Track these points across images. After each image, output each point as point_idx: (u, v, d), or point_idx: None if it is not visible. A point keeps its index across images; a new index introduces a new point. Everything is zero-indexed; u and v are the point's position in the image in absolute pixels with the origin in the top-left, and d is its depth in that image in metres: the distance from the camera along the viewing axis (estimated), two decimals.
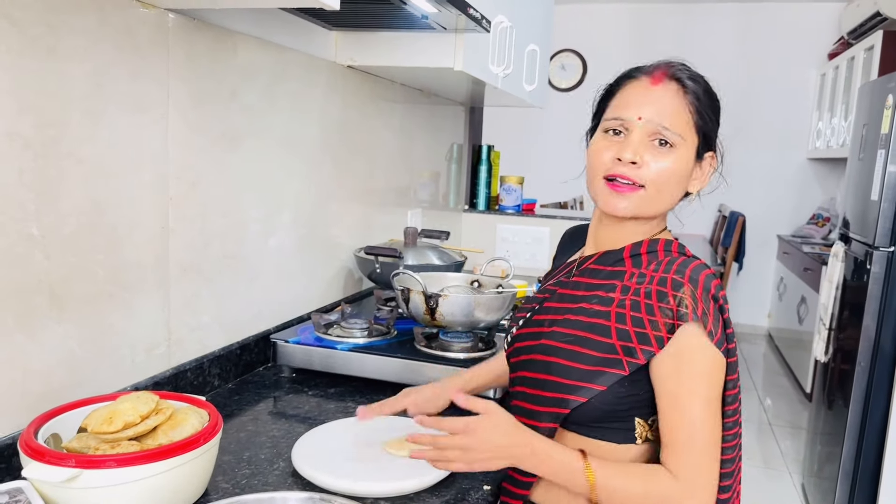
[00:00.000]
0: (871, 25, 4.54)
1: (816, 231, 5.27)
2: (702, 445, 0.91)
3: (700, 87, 0.99)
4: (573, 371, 0.96)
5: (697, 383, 0.91)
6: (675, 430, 0.92)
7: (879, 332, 2.45)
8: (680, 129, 0.96)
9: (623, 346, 0.93)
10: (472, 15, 1.42)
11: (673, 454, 0.91)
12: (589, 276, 1.04)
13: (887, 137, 2.39)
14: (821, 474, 2.86)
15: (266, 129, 1.49)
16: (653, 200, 0.98)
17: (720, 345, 0.92)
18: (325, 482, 0.98)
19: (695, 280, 0.93)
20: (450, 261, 1.93)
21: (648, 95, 0.97)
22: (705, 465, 0.91)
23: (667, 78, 0.98)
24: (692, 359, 0.91)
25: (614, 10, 5.89)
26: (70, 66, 1.00)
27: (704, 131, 0.99)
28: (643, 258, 1.00)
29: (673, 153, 0.97)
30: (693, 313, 0.90)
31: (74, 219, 1.03)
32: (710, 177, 1.04)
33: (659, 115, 0.96)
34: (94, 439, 0.90)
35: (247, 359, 1.47)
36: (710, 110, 1.00)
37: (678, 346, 0.91)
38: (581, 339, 0.97)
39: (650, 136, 0.96)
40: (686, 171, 0.99)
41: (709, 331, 0.91)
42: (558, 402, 0.97)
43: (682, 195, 1.03)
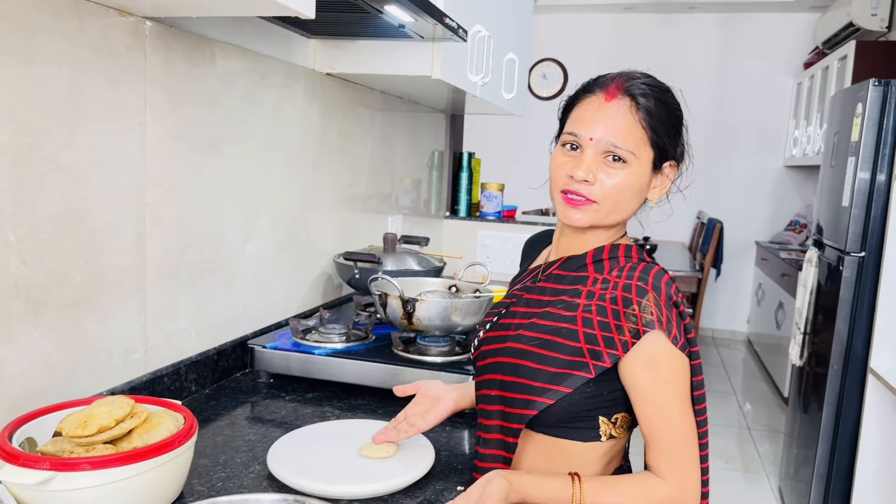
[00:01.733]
0: (845, 35, 4.63)
1: (794, 237, 5.35)
2: (687, 447, 0.95)
3: (653, 101, 0.99)
4: (540, 373, 0.98)
5: (673, 388, 0.95)
6: (660, 433, 0.95)
7: (851, 336, 2.50)
8: (631, 145, 0.98)
9: (590, 350, 0.96)
10: (449, 24, 1.45)
11: (663, 457, 0.95)
12: (554, 282, 1.06)
13: (857, 145, 2.45)
14: (797, 477, 2.90)
15: (245, 136, 1.50)
16: (607, 214, 1.01)
17: (684, 348, 0.96)
18: (299, 484, 0.99)
19: (657, 287, 0.96)
20: (429, 266, 1.95)
21: (601, 113, 0.99)
22: (692, 465, 0.95)
23: (620, 94, 0.99)
24: (665, 366, 0.95)
25: (595, 19, 5.96)
26: (48, 73, 1.01)
27: (659, 145, 1.01)
28: (605, 264, 1.03)
29: (625, 169, 0.99)
30: (658, 321, 0.93)
31: (51, 224, 1.03)
32: (670, 185, 1.06)
33: (610, 133, 0.98)
34: (69, 443, 0.91)
35: (224, 364, 1.48)
36: (665, 123, 1.01)
37: (648, 353, 0.95)
38: (548, 343, 0.99)
39: (603, 154, 0.99)
40: (640, 184, 1.02)
41: (673, 336, 0.94)
42: (525, 404, 0.99)
43: (641, 204, 1.06)
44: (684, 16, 5.83)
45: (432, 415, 1.14)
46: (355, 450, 1.11)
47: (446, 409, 1.14)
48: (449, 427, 1.28)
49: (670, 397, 0.95)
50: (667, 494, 0.94)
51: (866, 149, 2.42)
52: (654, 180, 1.04)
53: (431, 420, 1.13)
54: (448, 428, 1.28)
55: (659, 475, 0.95)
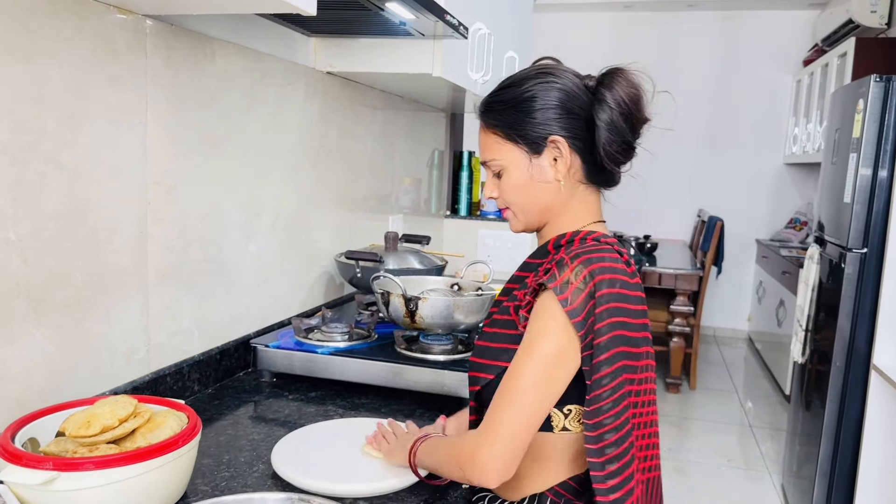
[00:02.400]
0: (844, 32, 4.63)
1: (794, 235, 5.35)
2: (512, 399, 0.92)
3: (490, 110, 1.05)
4: (486, 350, 1.03)
5: (533, 344, 0.93)
6: (502, 383, 0.95)
7: (854, 333, 2.49)
8: (493, 154, 1.05)
9: (522, 321, 0.99)
10: (450, 21, 1.44)
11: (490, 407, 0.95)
12: (523, 270, 1.09)
13: (858, 141, 2.44)
14: (799, 474, 2.90)
15: (245, 135, 1.50)
16: (522, 213, 1.07)
17: (573, 315, 0.91)
18: (303, 483, 0.99)
19: (577, 257, 0.95)
20: (430, 265, 1.94)
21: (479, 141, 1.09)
22: (507, 417, 0.91)
23: (479, 119, 1.08)
24: (540, 321, 0.94)
25: (594, 18, 5.96)
26: (48, 72, 1.00)
27: (515, 136, 1.02)
28: (563, 248, 1.02)
29: (504, 175, 1.05)
30: (555, 282, 0.94)
31: (53, 223, 1.03)
32: (568, 153, 1.01)
33: (482, 154, 1.08)
34: (73, 443, 0.90)
35: (227, 364, 1.47)
36: (509, 115, 1.02)
37: (534, 310, 0.96)
38: (497, 322, 1.05)
39: (491, 173, 1.08)
40: (522, 178, 1.04)
41: (564, 298, 0.92)
42: (473, 381, 1.05)
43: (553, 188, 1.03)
44: (683, 14, 5.82)
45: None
46: (359, 448, 1.11)
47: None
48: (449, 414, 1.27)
49: (523, 353, 0.94)
50: (469, 441, 0.94)
51: (868, 145, 2.41)
52: (543, 163, 1.02)
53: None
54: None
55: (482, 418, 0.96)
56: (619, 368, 0.94)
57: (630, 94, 1.00)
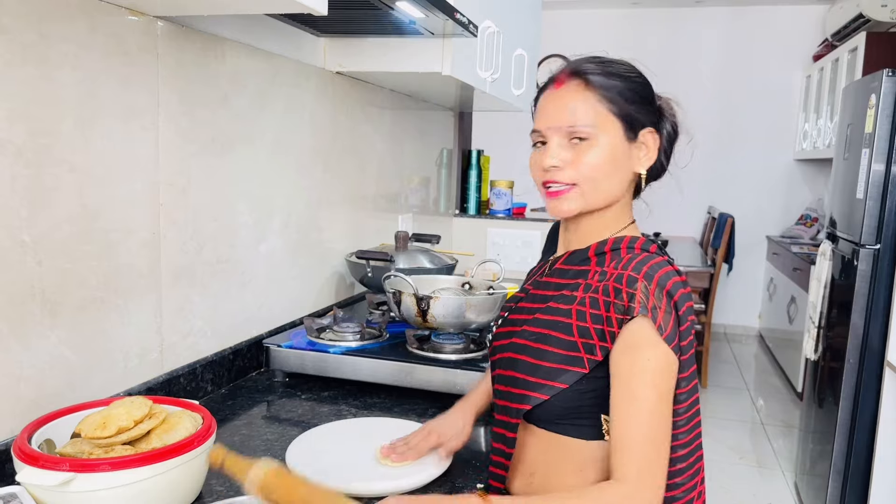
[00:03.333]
0: (855, 27, 4.59)
1: (805, 231, 5.32)
2: (653, 442, 0.89)
3: (603, 75, 0.99)
4: (538, 369, 0.97)
5: (650, 379, 0.90)
6: (626, 425, 0.90)
7: (867, 329, 2.47)
8: (589, 120, 0.97)
9: (584, 344, 0.94)
10: (459, 20, 1.44)
11: (624, 451, 0.89)
12: (558, 276, 1.05)
13: (871, 136, 2.43)
14: (813, 472, 2.88)
15: (256, 135, 1.50)
16: (592, 192, 0.99)
17: (670, 340, 0.91)
18: (319, 483, 0.99)
19: (650, 276, 0.93)
20: (441, 264, 1.94)
21: (555, 101, 1.00)
22: (656, 460, 0.89)
23: (567, 77, 0.99)
24: (644, 354, 0.90)
25: (603, 15, 5.94)
26: (61, 74, 1.01)
27: (623, 114, 0.99)
28: (607, 256, 1.00)
29: (591, 145, 0.97)
30: (643, 307, 0.90)
31: (66, 225, 1.03)
32: (656, 152, 1.02)
33: (566, 116, 0.98)
34: (88, 444, 0.90)
35: (240, 364, 1.48)
36: (626, 91, 0.99)
37: (628, 340, 0.92)
38: (545, 337, 0.98)
39: (566, 138, 0.98)
40: (615, 156, 0.98)
41: (658, 325, 0.90)
42: (522, 399, 0.98)
43: (630, 179, 1.02)
44: (692, 10, 5.79)
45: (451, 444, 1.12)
46: (373, 448, 1.10)
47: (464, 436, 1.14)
48: None
49: (645, 388, 0.89)
50: (621, 491, 0.87)
51: (881, 140, 2.39)
52: (633, 151, 1.01)
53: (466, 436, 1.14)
54: None
55: (616, 471, 0.88)
56: (695, 386, 0.95)
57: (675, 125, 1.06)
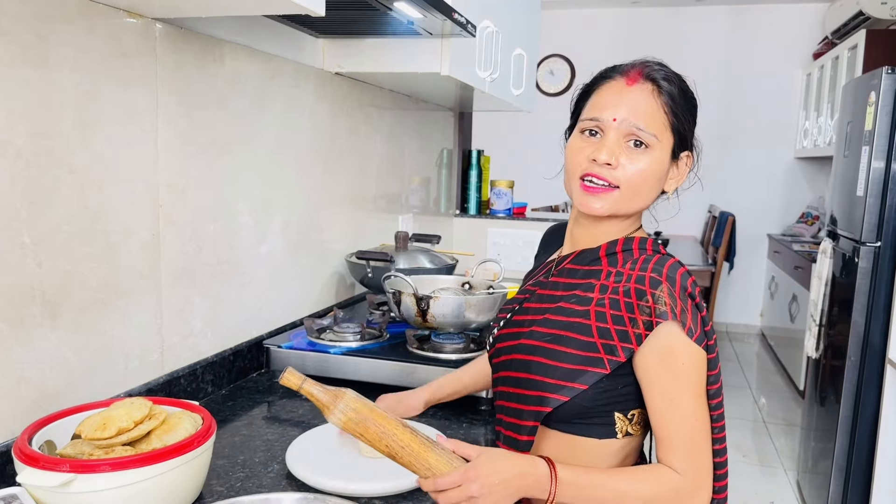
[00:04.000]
0: (854, 25, 4.59)
1: (806, 229, 5.31)
2: (700, 440, 0.93)
3: (675, 87, 0.99)
4: (555, 370, 0.97)
5: (687, 380, 0.93)
6: (672, 428, 0.93)
7: (868, 327, 2.47)
8: (655, 129, 0.97)
9: (604, 345, 0.95)
10: (458, 20, 1.44)
11: (673, 452, 0.93)
12: (567, 276, 1.05)
13: (871, 134, 2.42)
14: (815, 470, 2.88)
15: (255, 137, 1.50)
16: (628, 200, 0.99)
17: (700, 341, 0.94)
18: (319, 483, 0.99)
19: (672, 278, 0.94)
20: (441, 264, 1.94)
21: (623, 96, 0.97)
22: (706, 459, 0.94)
23: (642, 78, 0.98)
24: (678, 357, 0.93)
25: (602, 14, 5.94)
26: (60, 76, 1.01)
27: (679, 131, 1.00)
28: (619, 256, 1.01)
29: (648, 154, 0.97)
30: (672, 311, 0.92)
31: (66, 226, 1.04)
32: (686, 175, 1.05)
33: (634, 115, 0.96)
34: (89, 445, 0.91)
35: (240, 365, 1.48)
36: (686, 110, 1.00)
37: (661, 344, 0.93)
38: (561, 338, 0.98)
39: (625, 137, 0.97)
40: (661, 171, 1.00)
41: (688, 328, 0.92)
42: (539, 401, 0.98)
43: (659, 194, 1.04)
44: (691, 9, 5.79)
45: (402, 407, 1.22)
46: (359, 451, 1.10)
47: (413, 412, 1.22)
48: (466, 424, 1.27)
49: (683, 390, 0.93)
50: (678, 485, 0.92)
51: (880, 137, 2.39)
52: (671, 170, 1.03)
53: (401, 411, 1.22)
54: (465, 425, 1.27)
55: (674, 469, 0.93)
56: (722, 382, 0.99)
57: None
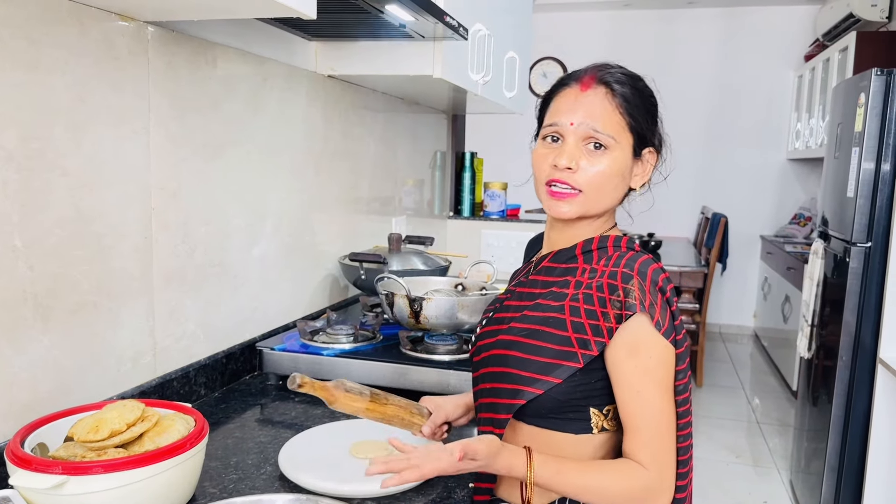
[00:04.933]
0: (845, 27, 4.62)
1: (798, 231, 5.34)
2: (665, 433, 0.95)
3: (628, 88, 1.02)
4: (530, 364, 0.99)
5: (654, 374, 0.95)
6: (638, 419, 0.95)
7: (859, 327, 2.49)
8: (611, 130, 1.00)
9: (578, 339, 0.97)
10: (449, 23, 1.45)
11: (641, 445, 0.95)
12: (545, 274, 1.07)
13: (861, 135, 2.44)
14: (808, 470, 2.89)
15: (248, 139, 1.51)
16: (594, 202, 1.02)
17: (668, 335, 0.95)
18: (311, 484, 0.99)
19: (643, 273, 0.96)
20: (434, 266, 1.95)
21: (579, 101, 1.01)
22: (670, 452, 0.95)
23: (595, 83, 1.01)
24: (646, 349, 0.95)
25: (595, 17, 5.96)
26: (52, 80, 1.01)
27: (637, 130, 1.02)
28: (594, 254, 1.03)
29: (607, 155, 1.00)
30: (640, 304, 0.94)
31: (58, 230, 1.04)
32: (651, 172, 1.07)
33: (590, 118, 1.00)
34: (81, 448, 0.91)
35: (233, 367, 1.48)
36: (641, 109, 1.02)
37: (630, 337, 0.95)
38: (536, 333, 1.00)
39: (584, 141, 1.00)
40: (622, 170, 1.02)
41: (656, 321, 0.94)
42: (514, 394, 1.00)
43: (625, 192, 1.06)
44: (683, 11, 5.82)
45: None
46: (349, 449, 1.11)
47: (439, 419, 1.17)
48: None
49: (650, 384, 0.95)
50: (646, 482, 0.93)
51: (870, 139, 2.41)
52: (634, 167, 1.04)
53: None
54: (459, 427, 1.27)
55: (640, 462, 0.94)
56: (689, 378, 0.99)
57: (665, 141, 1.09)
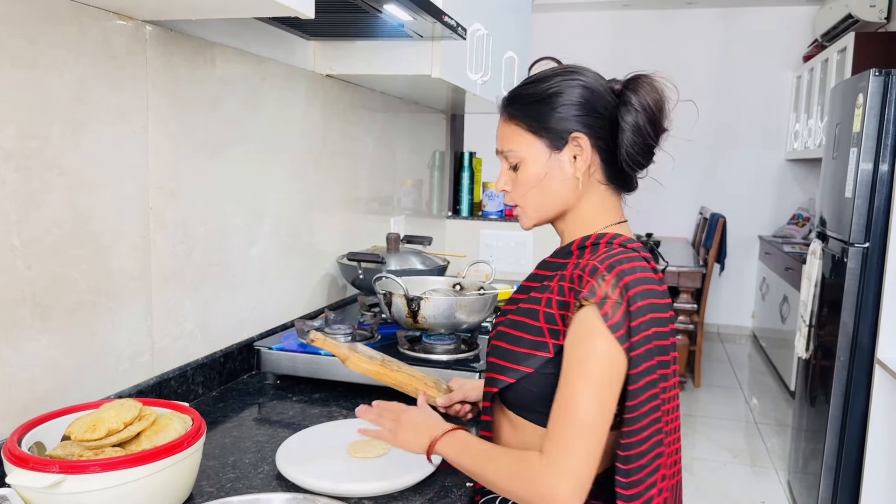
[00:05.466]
0: (844, 28, 4.63)
1: (797, 231, 5.34)
2: (577, 431, 0.89)
3: (513, 101, 1.06)
4: (508, 353, 1.02)
5: (585, 367, 0.91)
6: (556, 408, 0.92)
7: (857, 327, 2.49)
8: (513, 146, 1.05)
9: (549, 329, 0.98)
10: (448, 23, 1.45)
11: (548, 433, 0.91)
12: (544, 269, 1.09)
13: (859, 136, 2.44)
14: (805, 470, 2.89)
15: (247, 139, 1.51)
16: (534, 209, 1.07)
17: (615, 330, 0.91)
18: (308, 483, 0.99)
19: (611, 267, 0.94)
20: (432, 265, 1.95)
21: (497, 132, 1.09)
22: (577, 448, 0.89)
23: (500, 111, 1.09)
24: (586, 342, 0.92)
25: (594, 17, 5.96)
26: (50, 79, 1.01)
27: (543, 128, 1.02)
28: (587, 250, 1.03)
29: (522, 169, 1.05)
30: (594, 295, 0.92)
31: (56, 229, 1.04)
32: (590, 153, 1.02)
33: (498, 143, 1.08)
34: (78, 447, 0.91)
35: (231, 367, 1.48)
36: (532, 108, 1.03)
37: (575, 327, 0.94)
38: (517, 324, 1.03)
39: (507, 164, 1.08)
40: (541, 172, 1.03)
41: (605, 313, 0.91)
42: (491, 382, 1.04)
43: (574, 185, 1.03)
44: (682, 12, 5.82)
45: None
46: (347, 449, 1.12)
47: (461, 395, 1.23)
48: None
49: (579, 376, 0.91)
50: (537, 468, 0.89)
51: (868, 139, 2.41)
52: (562, 157, 1.02)
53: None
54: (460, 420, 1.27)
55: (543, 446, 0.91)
56: (655, 379, 0.94)
57: (655, 100, 1.01)
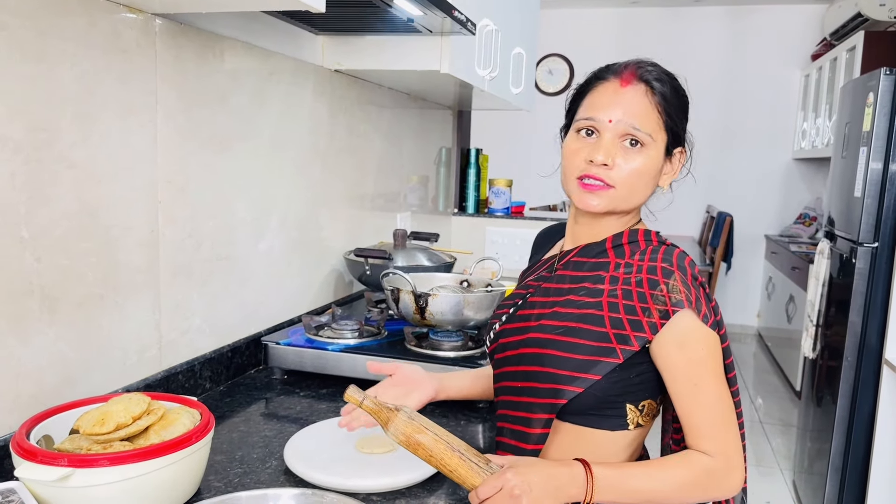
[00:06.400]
0: (853, 26, 4.60)
1: (804, 230, 5.32)
2: (727, 421, 0.96)
3: (667, 86, 1.01)
4: (568, 362, 0.98)
5: (708, 365, 0.96)
6: (700, 412, 0.96)
7: (865, 328, 2.48)
8: (649, 128, 0.99)
9: (616, 335, 0.96)
10: (458, 17, 1.44)
11: (703, 436, 0.95)
12: (573, 269, 1.06)
13: (869, 135, 2.43)
14: (811, 470, 2.88)
15: (255, 133, 1.50)
16: (624, 198, 1.02)
17: (714, 327, 0.97)
18: (317, 479, 0.99)
19: (682, 268, 0.97)
20: (439, 262, 1.95)
21: (618, 97, 1.00)
22: (734, 439, 0.96)
23: (635, 79, 1.00)
24: (697, 344, 0.95)
25: (601, 14, 5.94)
26: (59, 71, 1.01)
27: (672, 129, 1.02)
28: (626, 248, 1.03)
29: (643, 153, 1.00)
30: (687, 300, 0.94)
31: (65, 221, 1.03)
32: (679, 170, 1.08)
33: (629, 116, 0.99)
34: (87, 440, 0.91)
35: (238, 361, 1.48)
36: (678, 109, 1.03)
37: (680, 333, 0.95)
38: (573, 330, 0.99)
39: (621, 137, 1.00)
40: (656, 168, 1.02)
41: (703, 315, 0.95)
42: (553, 394, 0.98)
43: (654, 189, 1.06)
44: (690, 9, 5.80)
45: (411, 400, 1.10)
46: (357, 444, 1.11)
47: (426, 396, 1.12)
48: (464, 421, 1.27)
49: (706, 375, 0.96)
50: (713, 467, 0.94)
51: (878, 139, 2.40)
52: (665, 166, 1.05)
53: (411, 405, 1.09)
54: (463, 422, 1.27)
55: (704, 452, 0.95)
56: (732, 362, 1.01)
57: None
